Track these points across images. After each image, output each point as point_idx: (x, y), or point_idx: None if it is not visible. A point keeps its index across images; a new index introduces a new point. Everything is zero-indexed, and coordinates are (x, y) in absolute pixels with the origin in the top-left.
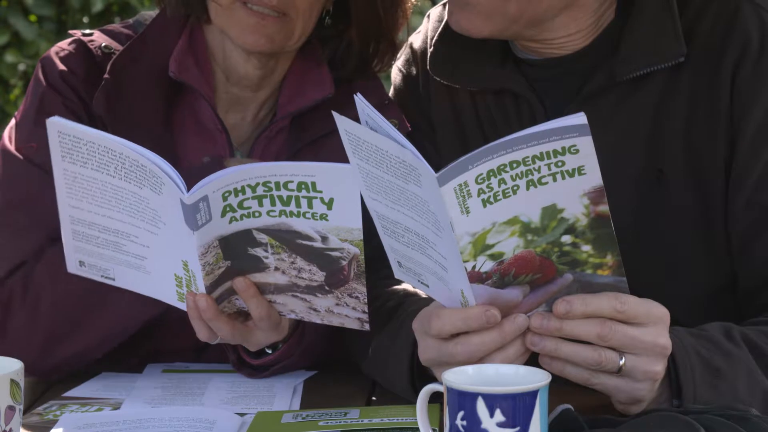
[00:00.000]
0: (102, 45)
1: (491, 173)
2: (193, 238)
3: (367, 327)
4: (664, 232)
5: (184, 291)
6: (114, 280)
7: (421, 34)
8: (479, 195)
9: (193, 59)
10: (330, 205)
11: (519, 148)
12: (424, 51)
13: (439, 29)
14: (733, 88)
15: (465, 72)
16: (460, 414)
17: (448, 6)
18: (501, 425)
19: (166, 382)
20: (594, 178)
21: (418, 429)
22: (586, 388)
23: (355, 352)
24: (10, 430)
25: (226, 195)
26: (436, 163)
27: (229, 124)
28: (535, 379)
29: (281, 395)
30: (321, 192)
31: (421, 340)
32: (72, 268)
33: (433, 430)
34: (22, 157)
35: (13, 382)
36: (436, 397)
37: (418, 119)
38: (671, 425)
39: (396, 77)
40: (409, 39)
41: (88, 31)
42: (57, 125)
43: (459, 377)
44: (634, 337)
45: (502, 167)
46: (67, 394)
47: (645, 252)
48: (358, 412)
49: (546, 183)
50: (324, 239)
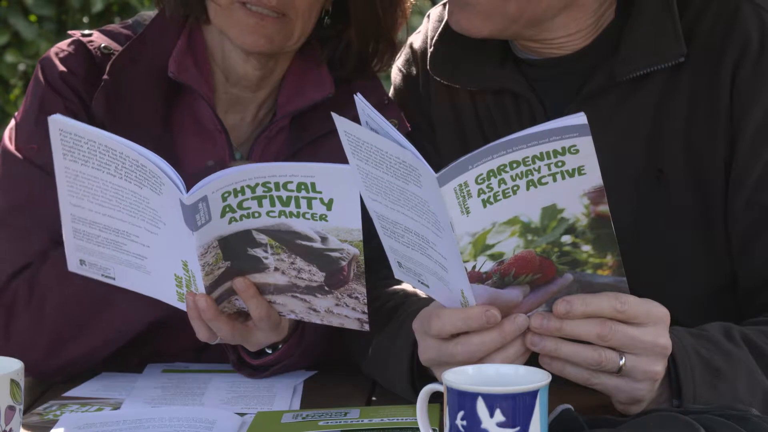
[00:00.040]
0: (101, 46)
1: (491, 173)
2: (193, 239)
3: (366, 327)
4: (664, 232)
5: (184, 291)
6: (114, 279)
7: (421, 34)
8: (479, 195)
9: (193, 60)
10: (329, 205)
11: (519, 148)
12: (424, 51)
13: (439, 29)
14: (733, 88)
15: (465, 72)
16: (460, 414)
17: (448, 6)
18: (501, 425)
19: (166, 382)
20: (594, 178)
21: (418, 429)
22: (586, 388)
23: (355, 353)
24: (10, 430)
25: (226, 195)
26: (435, 163)
27: (228, 125)
28: (535, 379)
29: (281, 395)
30: (320, 192)
31: (421, 340)
32: (73, 266)
33: (433, 430)
34: (23, 159)
35: (13, 382)
36: (436, 397)
37: (418, 119)
38: (671, 425)
39: (396, 77)
40: (409, 39)
41: (87, 32)
42: (58, 123)
43: (459, 377)
44: (634, 337)
45: (502, 167)
46: (67, 394)
47: (645, 252)
48: (358, 412)
49: (546, 183)
50: (323, 240)
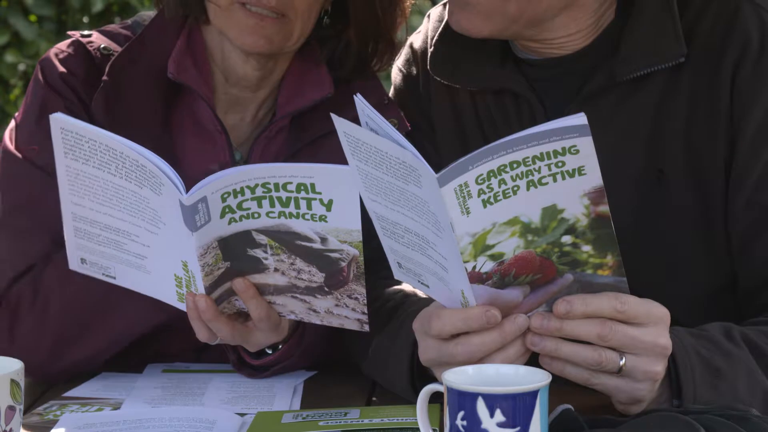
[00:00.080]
0: (101, 46)
1: (491, 174)
2: (192, 239)
3: (366, 328)
4: (665, 232)
5: (184, 291)
6: (115, 278)
7: (422, 34)
8: (479, 195)
9: (192, 60)
10: (329, 206)
11: (519, 149)
12: (425, 51)
13: (440, 29)
14: (733, 88)
15: (465, 72)
16: (461, 414)
17: (449, 6)
18: (501, 425)
19: (166, 383)
20: (594, 178)
21: (418, 429)
22: (587, 388)
23: (355, 353)
24: (11, 430)
25: (225, 196)
26: (435, 162)
27: (228, 125)
28: (536, 379)
29: (281, 395)
30: (320, 193)
31: (422, 340)
32: (74, 265)
33: (434, 430)
34: (24, 159)
35: (13, 382)
36: (436, 397)
37: (418, 119)
38: (671, 425)
39: (396, 77)
40: (410, 39)
41: (86, 32)
42: (60, 122)
43: (459, 377)
44: (635, 337)
45: (503, 168)
46: (67, 394)
47: (645, 252)
48: (359, 412)
49: (546, 183)
50: (323, 240)
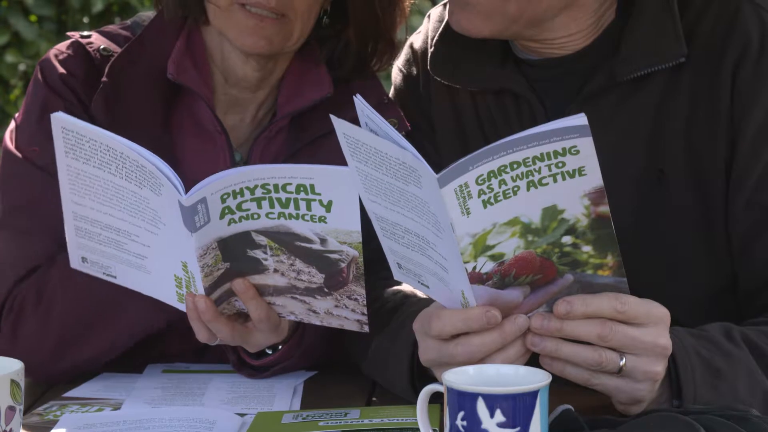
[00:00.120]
0: (100, 47)
1: (492, 174)
2: (192, 240)
3: (366, 329)
4: (665, 232)
5: (184, 292)
6: (115, 278)
7: (422, 35)
8: (480, 196)
9: (192, 61)
10: (329, 207)
11: (519, 149)
12: (425, 51)
13: (440, 29)
14: (734, 88)
15: (465, 72)
16: (461, 414)
17: (449, 6)
18: (501, 425)
19: (166, 383)
20: (594, 178)
21: (418, 429)
22: (587, 388)
23: (355, 353)
24: (11, 430)
25: (225, 197)
26: (436, 163)
27: (228, 125)
28: (536, 379)
29: (281, 396)
30: (319, 194)
31: (422, 340)
32: (75, 263)
33: (434, 431)
34: (25, 161)
35: (13, 382)
36: (436, 398)
37: (419, 119)
38: (671, 426)
39: (396, 77)
40: (410, 39)
41: (86, 33)
42: (61, 121)
43: (459, 377)
44: (635, 337)
45: (503, 168)
46: (67, 395)
47: (645, 252)
48: (359, 413)
49: (546, 184)
50: (323, 241)
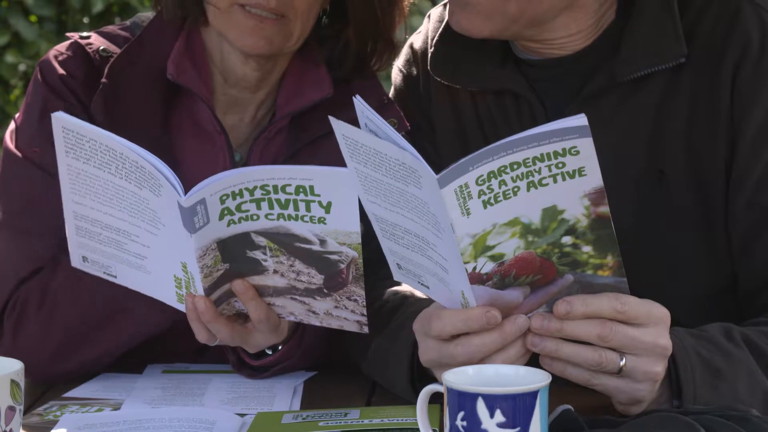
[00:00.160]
0: (100, 48)
1: (492, 174)
2: (191, 241)
3: (366, 330)
4: (665, 232)
5: (183, 292)
6: (116, 277)
7: (422, 35)
8: (480, 196)
9: (191, 61)
10: (328, 208)
11: (519, 150)
12: (425, 51)
13: (440, 29)
14: (734, 88)
15: (465, 72)
16: (461, 414)
17: (449, 6)
18: (501, 426)
19: (166, 383)
20: (594, 179)
21: (418, 429)
22: (587, 388)
23: (354, 353)
24: (11, 430)
25: (224, 198)
26: (436, 163)
27: (227, 126)
28: (535, 379)
29: (281, 396)
30: (319, 195)
31: (422, 341)
32: (75, 262)
33: (434, 431)
34: (26, 162)
35: (13, 382)
36: (436, 398)
37: (419, 119)
38: (671, 426)
39: (396, 77)
40: (410, 39)
41: (85, 34)
42: (61, 120)
43: (459, 378)
44: (635, 337)
45: (503, 168)
46: (67, 395)
47: (645, 253)
48: (359, 413)
49: (546, 184)
50: (322, 242)
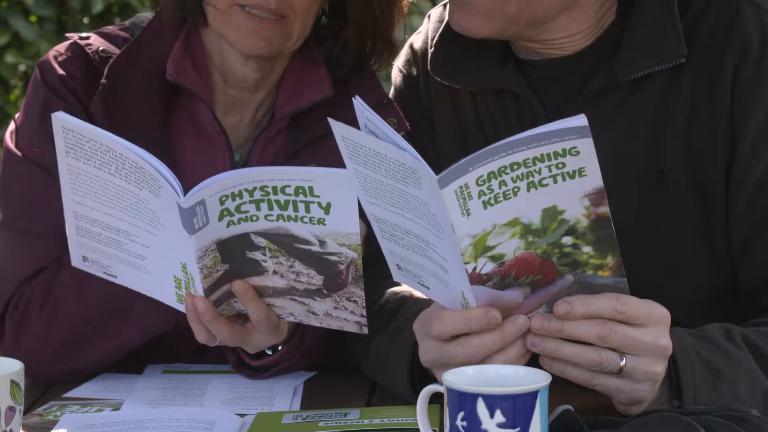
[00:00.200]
0: (99, 49)
1: (492, 175)
2: (191, 242)
3: (365, 330)
4: (665, 233)
5: (183, 293)
6: (116, 277)
7: (422, 35)
8: (480, 197)
9: (191, 62)
10: (327, 209)
11: (519, 150)
12: (425, 51)
13: (440, 30)
14: (734, 89)
15: (465, 72)
16: (461, 415)
17: (449, 6)
18: (501, 426)
19: (166, 383)
20: (594, 179)
21: (418, 430)
22: (587, 388)
23: (355, 353)
24: (11, 430)
25: (223, 199)
26: (435, 163)
27: (227, 126)
28: (536, 379)
29: (281, 396)
30: (318, 197)
31: (422, 341)
32: (76, 262)
33: (434, 431)
34: (27, 162)
35: (13, 382)
36: (436, 398)
37: (419, 119)
38: (671, 426)
39: (396, 78)
40: (410, 39)
41: (84, 35)
42: (62, 120)
43: (459, 378)
44: (635, 337)
45: (503, 169)
46: (67, 395)
47: (646, 253)
48: (359, 413)
49: (546, 185)
50: (322, 243)
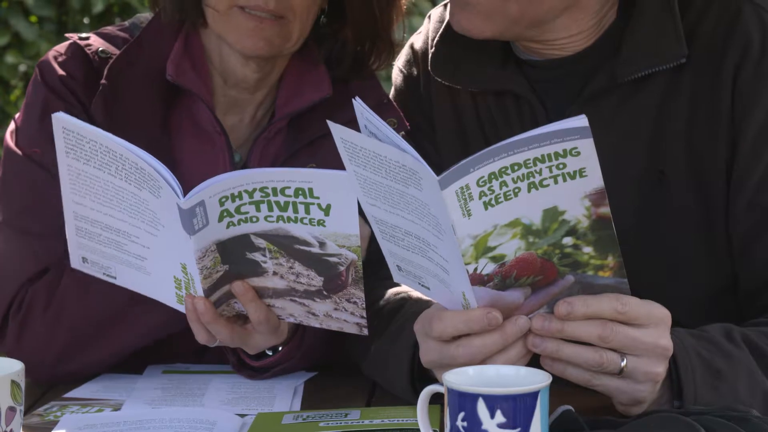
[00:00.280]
0: (99, 50)
1: (492, 176)
2: (190, 242)
3: (365, 332)
4: (666, 233)
5: (183, 293)
6: (115, 278)
7: (422, 35)
8: (481, 198)
9: (190, 62)
10: (327, 211)
11: (520, 151)
12: (425, 52)
13: (440, 30)
14: (734, 89)
15: (466, 73)
16: (461, 415)
17: (449, 6)
18: (502, 426)
19: (166, 383)
20: (595, 180)
21: (418, 430)
22: (587, 389)
23: (355, 353)
24: (11, 430)
25: (223, 200)
26: (436, 163)
27: (227, 126)
28: (536, 380)
29: (282, 396)
30: (318, 198)
31: (423, 342)
32: (75, 263)
33: (434, 431)
34: (28, 162)
35: (13, 383)
36: (436, 398)
37: (419, 120)
38: (672, 426)
39: (397, 78)
40: (410, 40)
41: (84, 35)
42: (62, 121)
43: (460, 378)
44: (635, 338)
45: (504, 170)
46: (67, 395)
47: (646, 253)
48: (359, 413)
49: (547, 185)
50: (322, 245)
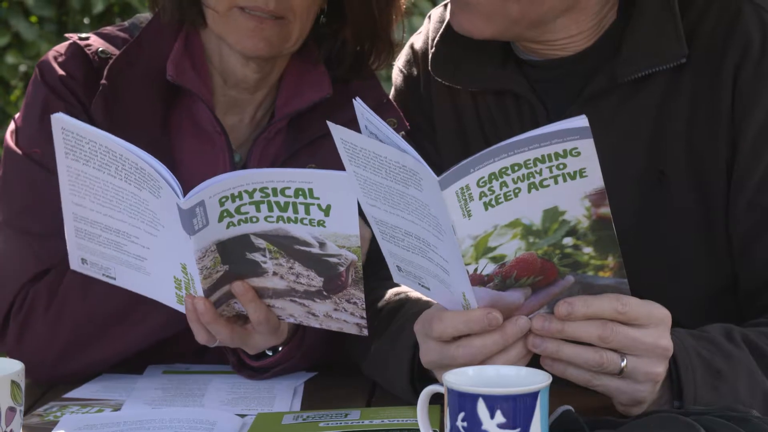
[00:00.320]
0: (99, 50)
1: (493, 176)
2: (190, 242)
3: (365, 332)
4: (666, 233)
5: (183, 294)
6: (115, 279)
7: (422, 35)
8: (481, 198)
9: (190, 62)
10: (327, 211)
11: (520, 151)
12: (425, 52)
13: (441, 30)
14: (735, 89)
15: (466, 73)
16: (461, 415)
17: (450, 7)
18: (502, 426)
19: (166, 384)
20: (595, 180)
21: (418, 430)
22: (587, 389)
23: (355, 353)
24: (11, 431)
25: (223, 200)
26: (436, 163)
27: (227, 126)
28: (536, 380)
29: (282, 396)
30: (318, 199)
31: (423, 342)
32: (74, 264)
33: (434, 431)
34: (29, 162)
35: (13, 383)
36: (436, 399)
37: (419, 120)
38: (672, 426)
39: (397, 78)
40: (410, 40)
41: (84, 35)
42: (61, 122)
43: (460, 378)
44: (636, 338)
45: (504, 170)
46: (67, 396)
47: (646, 253)
48: (359, 414)
49: (547, 185)
50: (322, 245)
